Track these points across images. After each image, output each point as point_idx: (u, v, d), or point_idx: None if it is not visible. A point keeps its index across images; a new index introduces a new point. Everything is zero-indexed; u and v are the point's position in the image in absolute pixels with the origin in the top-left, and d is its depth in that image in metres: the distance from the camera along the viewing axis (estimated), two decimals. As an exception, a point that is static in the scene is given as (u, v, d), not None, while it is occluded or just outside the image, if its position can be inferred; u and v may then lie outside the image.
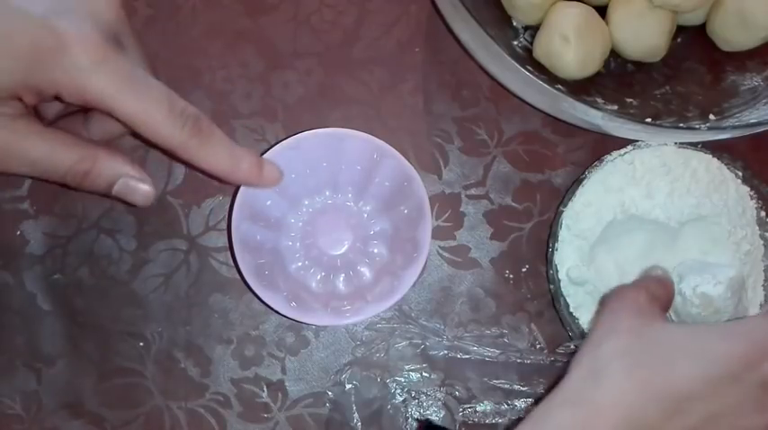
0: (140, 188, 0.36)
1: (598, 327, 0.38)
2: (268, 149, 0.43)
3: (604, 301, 0.41)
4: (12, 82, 0.32)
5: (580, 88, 0.46)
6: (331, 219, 0.47)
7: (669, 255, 0.45)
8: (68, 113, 0.39)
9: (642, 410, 0.34)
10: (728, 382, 0.35)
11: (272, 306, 0.42)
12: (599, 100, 0.46)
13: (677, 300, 0.43)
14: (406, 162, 0.43)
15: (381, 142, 0.43)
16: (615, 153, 0.46)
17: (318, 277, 0.46)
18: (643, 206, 0.45)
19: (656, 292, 0.40)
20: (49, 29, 0.32)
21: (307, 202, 0.47)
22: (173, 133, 0.34)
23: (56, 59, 0.32)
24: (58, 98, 0.33)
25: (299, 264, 0.46)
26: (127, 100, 0.33)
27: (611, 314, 0.39)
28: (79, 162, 0.35)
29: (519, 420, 0.45)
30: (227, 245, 0.47)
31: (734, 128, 0.42)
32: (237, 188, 0.42)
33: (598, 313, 0.42)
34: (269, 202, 0.44)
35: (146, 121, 0.33)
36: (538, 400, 0.46)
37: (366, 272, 0.46)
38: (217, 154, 0.36)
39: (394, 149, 0.43)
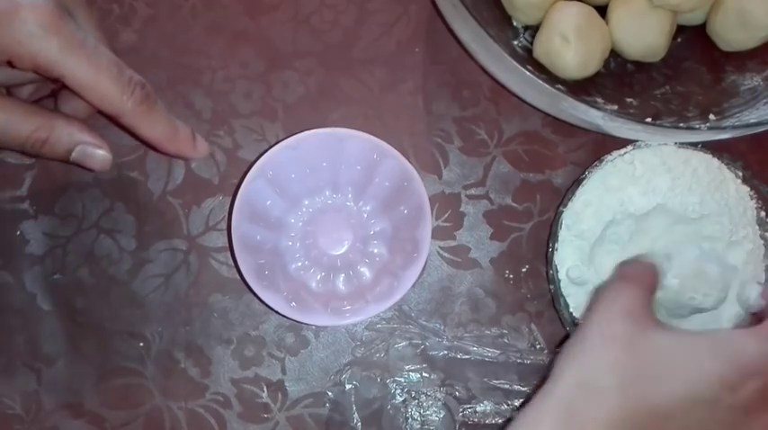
0: (98, 154, 0.37)
1: (590, 326, 0.39)
2: (268, 149, 0.43)
3: (599, 294, 0.41)
4: None
5: (580, 88, 0.46)
6: (331, 219, 0.47)
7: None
8: (39, 98, 0.40)
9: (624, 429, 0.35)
10: (706, 402, 0.35)
11: (272, 306, 0.42)
12: (599, 100, 0.46)
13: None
14: (406, 162, 0.43)
15: (381, 142, 0.43)
16: (615, 153, 0.46)
17: (318, 277, 0.46)
18: (643, 206, 0.45)
19: (649, 286, 0.41)
20: None
21: (307, 202, 0.47)
22: (120, 100, 0.34)
23: (6, 25, 0.32)
24: (10, 64, 0.33)
25: (299, 264, 0.46)
26: (76, 66, 0.33)
27: (605, 314, 0.39)
28: (37, 130, 0.35)
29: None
30: (227, 245, 0.47)
31: (734, 128, 0.42)
32: (237, 188, 0.42)
33: (592, 303, 0.41)
34: (269, 202, 0.44)
35: (95, 88, 0.34)
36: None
37: (366, 272, 0.46)
38: (160, 122, 0.37)
39: (394, 149, 0.43)
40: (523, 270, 0.48)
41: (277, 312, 0.42)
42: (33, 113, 0.35)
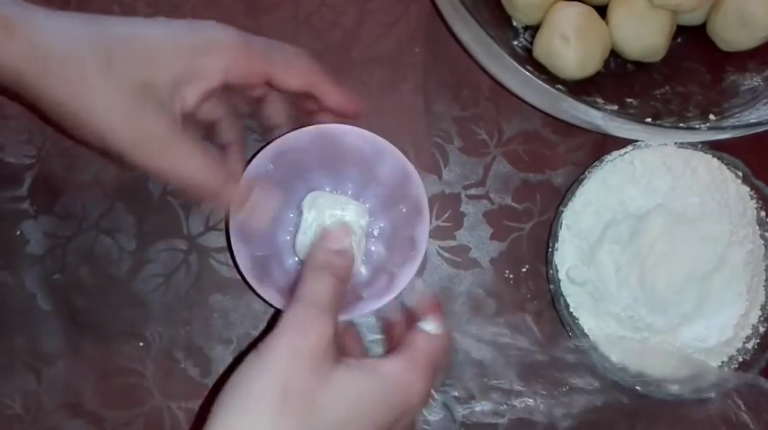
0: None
1: (258, 380, 0.31)
2: (267, 144, 0.43)
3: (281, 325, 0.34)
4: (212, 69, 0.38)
5: (580, 88, 0.46)
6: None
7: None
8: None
9: None
10: None
11: (268, 300, 0.42)
12: (599, 100, 0.46)
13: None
14: (406, 161, 0.43)
15: (381, 141, 0.43)
16: (615, 153, 0.46)
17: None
18: (643, 206, 0.45)
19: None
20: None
21: (306, 201, 0.46)
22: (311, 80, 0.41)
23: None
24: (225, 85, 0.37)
25: (297, 258, 0.46)
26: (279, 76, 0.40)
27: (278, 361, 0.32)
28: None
29: (519, 420, 0.45)
30: (227, 245, 0.47)
31: (734, 128, 0.42)
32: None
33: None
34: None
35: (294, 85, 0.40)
36: (537, 400, 0.46)
37: (363, 269, 0.46)
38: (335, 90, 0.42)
39: (394, 148, 0.43)
40: (523, 270, 0.48)
41: (274, 307, 0.42)
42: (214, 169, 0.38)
